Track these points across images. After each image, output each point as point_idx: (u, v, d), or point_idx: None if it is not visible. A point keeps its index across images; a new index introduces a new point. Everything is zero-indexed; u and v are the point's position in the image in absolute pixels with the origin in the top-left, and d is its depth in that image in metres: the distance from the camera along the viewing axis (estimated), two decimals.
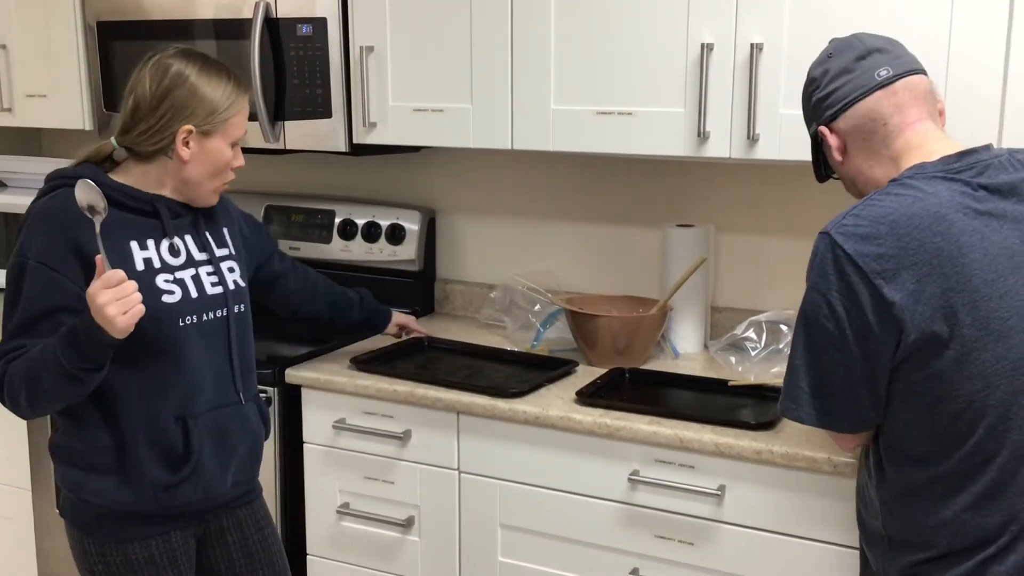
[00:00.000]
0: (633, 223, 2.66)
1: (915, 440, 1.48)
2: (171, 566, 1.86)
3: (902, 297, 1.41)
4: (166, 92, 1.72)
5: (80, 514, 1.83)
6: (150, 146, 1.75)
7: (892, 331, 1.43)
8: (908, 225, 1.42)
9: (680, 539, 2.02)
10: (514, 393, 2.15)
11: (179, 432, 1.79)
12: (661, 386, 2.27)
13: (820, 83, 1.62)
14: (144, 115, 1.73)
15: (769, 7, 2.05)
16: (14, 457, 2.81)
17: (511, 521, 2.19)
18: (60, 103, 2.94)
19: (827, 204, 2.43)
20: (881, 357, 1.45)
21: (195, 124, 1.73)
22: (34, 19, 2.92)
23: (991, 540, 1.44)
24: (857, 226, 1.45)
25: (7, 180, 3.21)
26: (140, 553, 1.82)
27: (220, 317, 1.85)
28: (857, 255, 1.43)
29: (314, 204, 2.94)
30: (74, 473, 1.81)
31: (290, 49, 2.51)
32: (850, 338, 1.46)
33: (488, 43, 2.32)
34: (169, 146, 1.74)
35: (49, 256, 1.70)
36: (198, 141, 1.75)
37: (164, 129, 1.72)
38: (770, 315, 2.39)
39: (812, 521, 1.90)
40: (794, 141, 2.07)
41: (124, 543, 1.81)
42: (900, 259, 1.42)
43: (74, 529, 1.85)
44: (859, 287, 1.43)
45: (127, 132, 1.76)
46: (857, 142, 1.58)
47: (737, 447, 1.92)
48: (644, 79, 2.19)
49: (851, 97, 1.57)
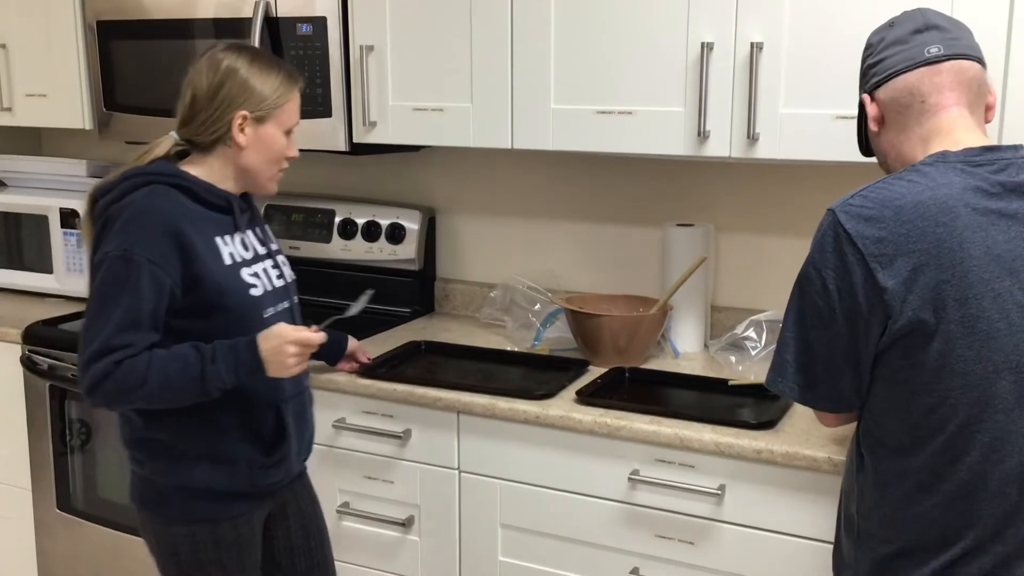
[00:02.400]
0: (633, 223, 2.66)
1: (891, 429, 1.48)
2: (253, 543, 1.95)
3: (895, 284, 1.40)
4: (221, 83, 1.80)
5: (165, 499, 1.88)
6: (209, 136, 1.83)
7: (880, 316, 1.42)
8: (913, 212, 1.42)
9: (680, 539, 2.02)
10: (542, 395, 2.13)
11: (272, 417, 1.90)
12: (661, 386, 2.27)
13: (874, 50, 1.59)
14: (202, 106, 1.81)
15: (769, 7, 2.05)
16: (14, 457, 2.81)
17: (511, 521, 2.19)
18: (60, 103, 2.94)
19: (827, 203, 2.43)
20: (868, 340, 1.45)
21: (249, 110, 1.81)
22: (34, 19, 2.92)
23: (956, 541, 1.44)
24: (863, 207, 1.45)
25: (7, 180, 3.21)
26: (228, 532, 1.90)
27: (286, 308, 1.96)
28: (857, 236, 1.43)
29: (314, 203, 2.94)
30: (162, 463, 1.87)
31: (290, 48, 2.51)
32: (839, 317, 1.46)
33: (488, 43, 2.32)
34: (226, 134, 1.82)
35: (156, 254, 1.75)
36: (253, 127, 1.83)
37: (221, 117, 1.81)
38: (770, 315, 2.39)
39: (812, 521, 1.90)
40: (794, 140, 2.07)
41: (215, 522, 1.89)
42: (899, 245, 1.41)
43: (157, 516, 1.90)
44: (854, 268, 1.43)
45: (187, 124, 1.84)
46: (893, 115, 1.56)
47: (737, 446, 1.92)
48: (644, 78, 2.19)
49: (896, 68, 1.54)
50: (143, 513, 1.93)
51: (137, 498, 1.93)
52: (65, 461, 2.69)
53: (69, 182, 3.06)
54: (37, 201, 3.02)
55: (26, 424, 2.75)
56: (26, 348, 2.69)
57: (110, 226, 1.78)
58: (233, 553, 1.91)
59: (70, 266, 2.99)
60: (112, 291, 1.75)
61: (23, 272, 3.09)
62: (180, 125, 1.86)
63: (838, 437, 1.91)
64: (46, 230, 3.01)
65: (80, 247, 2.96)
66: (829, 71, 2.02)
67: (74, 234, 2.96)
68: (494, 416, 2.14)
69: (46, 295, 3.08)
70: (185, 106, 1.84)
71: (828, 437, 1.92)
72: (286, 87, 1.86)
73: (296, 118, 1.91)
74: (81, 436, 2.66)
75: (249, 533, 1.94)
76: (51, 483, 2.72)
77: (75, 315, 2.83)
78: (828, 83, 2.03)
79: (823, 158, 2.06)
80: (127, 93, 2.78)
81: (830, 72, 2.02)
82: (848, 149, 2.02)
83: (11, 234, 3.09)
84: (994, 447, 1.41)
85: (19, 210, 3.06)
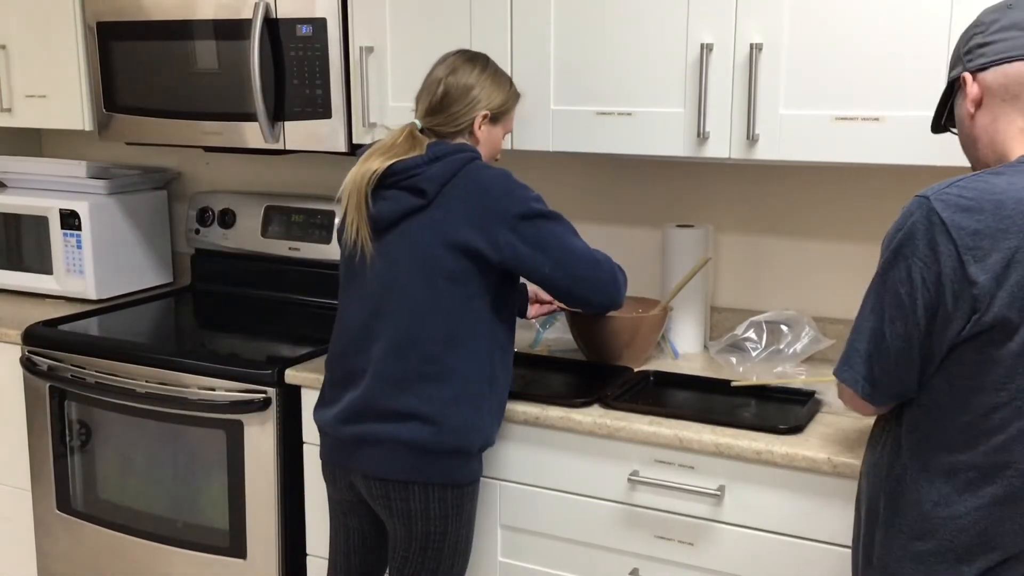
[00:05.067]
0: (633, 223, 2.66)
1: (944, 423, 1.44)
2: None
3: (986, 278, 1.36)
4: (472, 86, 2.02)
5: (470, 467, 2.01)
6: (453, 127, 2.03)
7: (965, 310, 1.38)
8: (1013, 208, 1.37)
9: (680, 539, 2.02)
10: (612, 402, 2.11)
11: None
12: (661, 386, 2.27)
13: (987, 29, 1.50)
14: (454, 100, 2.01)
15: (769, 7, 2.05)
16: (14, 457, 2.81)
17: (511, 521, 2.19)
18: (60, 103, 2.94)
19: (827, 204, 2.44)
20: (945, 335, 1.41)
21: (490, 110, 2.03)
22: (34, 19, 2.93)
23: (995, 548, 1.41)
24: (961, 196, 1.39)
25: (7, 181, 3.21)
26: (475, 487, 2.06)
27: None
28: (953, 226, 1.38)
29: (314, 204, 2.94)
30: (485, 426, 2.00)
31: (290, 49, 2.51)
32: (919, 309, 1.41)
33: (488, 43, 2.32)
34: (468, 127, 2.03)
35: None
36: (488, 125, 2.05)
37: (468, 112, 2.02)
38: (770, 315, 2.39)
39: (812, 521, 1.90)
40: (794, 141, 2.07)
41: (478, 480, 2.06)
42: (995, 239, 1.36)
43: (455, 487, 1.98)
44: (945, 259, 1.38)
45: (435, 114, 2.03)
46: (996, 101, 1.49)
47: (737, 447, 1.92)
48: (644, 79, 2.19)
49: (1011, 54, 1.46)
50: (430, 488, 1.99)
51: (429, 475, 1.99)
52: (65, 462, 2.69)
53: (69, 183, 3.07)
54: (37, 202, 3.02)
55: (26, 425, 2.75)
56: (26, 349, 2.69)
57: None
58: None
59: (70, 267, 2.99)
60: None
61: (23, 273, 3.09)
62: (425, 114, 2.04)
63: (838, 438, 1.91)
64: (46, 231, 3.01)
65: (80, 248, 2.96)
66: (829, 72, 2.02)
67: (74, 235, 2.96)
68: None
69: (46, 296, 3.08)
70: (436, 99, 2.02)
71: (828, 438, 1.92)
72: (514, 97, 2.12)
73: (513, 123, 2.16)
74: (81, 437, 2.66)
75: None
76: (51, 484, 2.72)
77: (75, 316, 2.83)
78: (828, 84, 2.03)
79: (823, 159, 2.06)
80: (127, 94, 2.78)
81: (830, 73, 2.02)
82: (848, 150, 2.02)
83: (11, 235, 3.09)
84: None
85: (19, 211, 3.06)
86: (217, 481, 2.46)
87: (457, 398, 1.94)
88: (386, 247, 1.97)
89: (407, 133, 2.00)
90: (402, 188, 1.94)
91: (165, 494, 2.55)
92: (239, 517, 2.44)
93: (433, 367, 1.93)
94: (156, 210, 3.20)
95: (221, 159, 3.19)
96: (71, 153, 3.46)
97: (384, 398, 1.95)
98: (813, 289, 2.48)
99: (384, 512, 2.00)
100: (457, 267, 1.92)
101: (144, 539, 2.59)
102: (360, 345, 2.00)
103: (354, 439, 1.99)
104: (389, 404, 1.95)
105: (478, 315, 1.95)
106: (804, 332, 2.34)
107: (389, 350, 1.95)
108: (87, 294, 2.99)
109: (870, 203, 2.38)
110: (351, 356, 2.02)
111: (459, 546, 2.02)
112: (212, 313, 3.01)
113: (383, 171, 1.95)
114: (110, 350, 2.56)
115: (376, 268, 1.98)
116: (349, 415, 1.99)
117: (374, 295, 1.98)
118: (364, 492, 2.02)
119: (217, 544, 2.48)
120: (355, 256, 2.01)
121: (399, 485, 1.95)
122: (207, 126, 2.68)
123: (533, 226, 1.94)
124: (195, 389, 2.43)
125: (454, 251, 1.91)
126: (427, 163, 1.94)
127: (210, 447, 2.45)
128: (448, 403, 1.93)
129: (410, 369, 1.93)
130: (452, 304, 1.93)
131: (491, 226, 1.91)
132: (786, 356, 2.33)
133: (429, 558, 1.99)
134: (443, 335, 1.93)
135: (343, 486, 2.06)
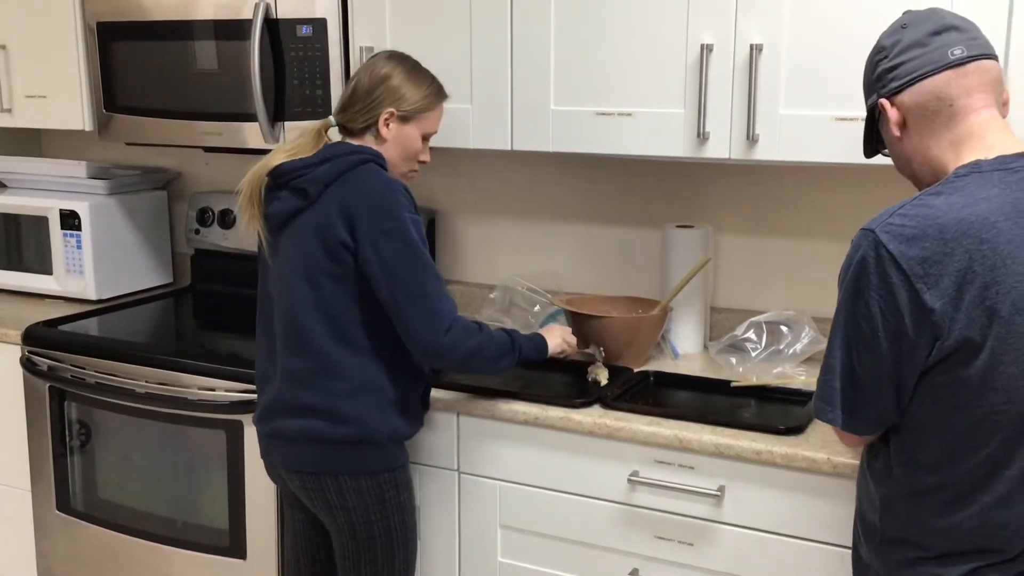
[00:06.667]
0: (633, 223, 2.66)
1: (928, 445, 1.46)
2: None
3: (942, 304, 1.37)
4: (381, 80, 2.02)
5: (378, 456, 2.01)
6: (361, 123, 2.03)
7: (928, 337, 1.40)
8: (956, 230, 1.38)
9: (680, 540, 2.02)
10: (612, 403, 2.11)
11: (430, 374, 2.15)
12: (661, 387, 2.27)
13: (889, 53, 1.53)
14: (360, 96, 2.03)
15: (769, 8, 2.05)
16: (14, 457, 2.81)
17: (511, 521, 2.19)
18: (60, 104, 2.94)
19: (826, 204, 2.44)
20: (913, 362, 1.42)
21: (397, 108, 2.01)
22: (34, 19, 2.93)
23: (991, 548, 1.43)
24: (904, 226, 1.41)
25: (7, 180, 3.21)
26: (406, 473, 2.10)
27: None
28: (901, 257, 1.39)
29: None
30: (388, 417, 2.01)
31: (290, 50, 2.51)
32: (883, 341, 1.43)
33: (488, 43, 2.32)
34: (374, 124, 2.02)
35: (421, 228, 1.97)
36: (397, 124, 2.02)
37: (373, 109, 2.02)
38: (770, 315, 2.39)
39: (812, 522, 1.90)
40: (794, 142, 2.07)
41: (405, 467, 2.08)
42: (944, 264, 1.38)
43: (368, 476, 2.01)
44: (899, 290, 1.40)
45: (344, 110, 2.05)
46: (918, 120, 1.51)
47: (737, 448, 1.92)
48: (644, 80, 2.19)
49: (920, 72, 1.49)
50: (351, 480, 2.01)
51: (350, 463, 2.01)
52: (64, 462, 2.69)
53: (69, 183, 3.07)
54: (37, 202, 3.02)
55: (26, 425, 2.74)
56: (26, 349, 2.69)
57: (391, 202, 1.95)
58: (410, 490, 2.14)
59: (70, 267, 2.99)
60: (421, 256, 1.94)
61: (23, 273, 3.09)
62: (338, 111, 2.07)
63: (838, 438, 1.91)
64: (46, 231, 3.01)
65: (80, 248, 2.96)
66: (829, 73, 2.02)
67: (74, 235, 2.96)
68: (494, 417, 2.14)
69: (46, 296, 3.08)
70: (346, 96, 2.04)
71: (828, 438, 1.92)
72: (434, 97, 2.07)
73: (436, 127, 2.11)
74: (80, 437, 2.66)
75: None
76: (51, 484, 2.72)
77: (75, 316, 2.83)
78: (828, 84, 2.03)
79: (823, 159, 2.06)
80: (127, 94, 2.78)
81: (830, 74, 2.02)
82: (848, 150, 2.02)
83: (11, 235, 3.09)
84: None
85: (19, 211, 3.06)
86: (217, 481, 2.46)
87: (353, 391, 1.97)
88: (280, 247, 2.02)
89: (315, 131, 2.04)
90: (290, 188, 1.98)
91: (165, 494, 2.55)
92: (239, 517, 2.44)
93: (326, 363, 1.97)
94: (156, 210, 3.20)
95: (221, 159, 3.18)
96: (71, 153, 3.46)
97: (289, 395, 2.01)
98: (813, 289, 2.48)
99: (309, 504, 2.07)
100: (337, 268, 1.94)
101: (144, 539, 2.58)
102: (270, 345, 2.07)
103: (271, 435, 2.06)
104: (294, 399, 2.00)
105: (364, 313, 1.96)
106: (804, 332, 2.34)
107: (288, 348, 2.00)
108: (87, 294, 2.99)
109: (870, 203, 2.38)
110: (263, 355, 2.09)
111: (393, 536, 2.05)
112: (212, 313, 3.01)
113: (272, 170, 1.99)
114: (110, 350, 2.56)
115: (274, 268, 2.04)
116: (265, 413, 2.06)
117: (275, 295, 2.04)
118: (291, 486, 2.08)
119: (217, 544, 2.48)
120: (261, 257, 2.07)
121: (311, 477, 2.01)
122: (207, 126, 2.68)
123: (391, 246, 1.91)
124: (195, 389, 2.43)
125: (333, 251, 1.93)
126: (315, 164, 1.96)
127: (210, 447, 2.45)
128: (344, 396, 1.96)
129: (306, 366, 1.98)
130: (336, 303, 1.95)
131: (358, 232, 1.91)
132: (786, 356, 2.33)
133: (363, 549, 2.04)
134: (331, 333, 1.96)
135: (278, 481, 2.15)
